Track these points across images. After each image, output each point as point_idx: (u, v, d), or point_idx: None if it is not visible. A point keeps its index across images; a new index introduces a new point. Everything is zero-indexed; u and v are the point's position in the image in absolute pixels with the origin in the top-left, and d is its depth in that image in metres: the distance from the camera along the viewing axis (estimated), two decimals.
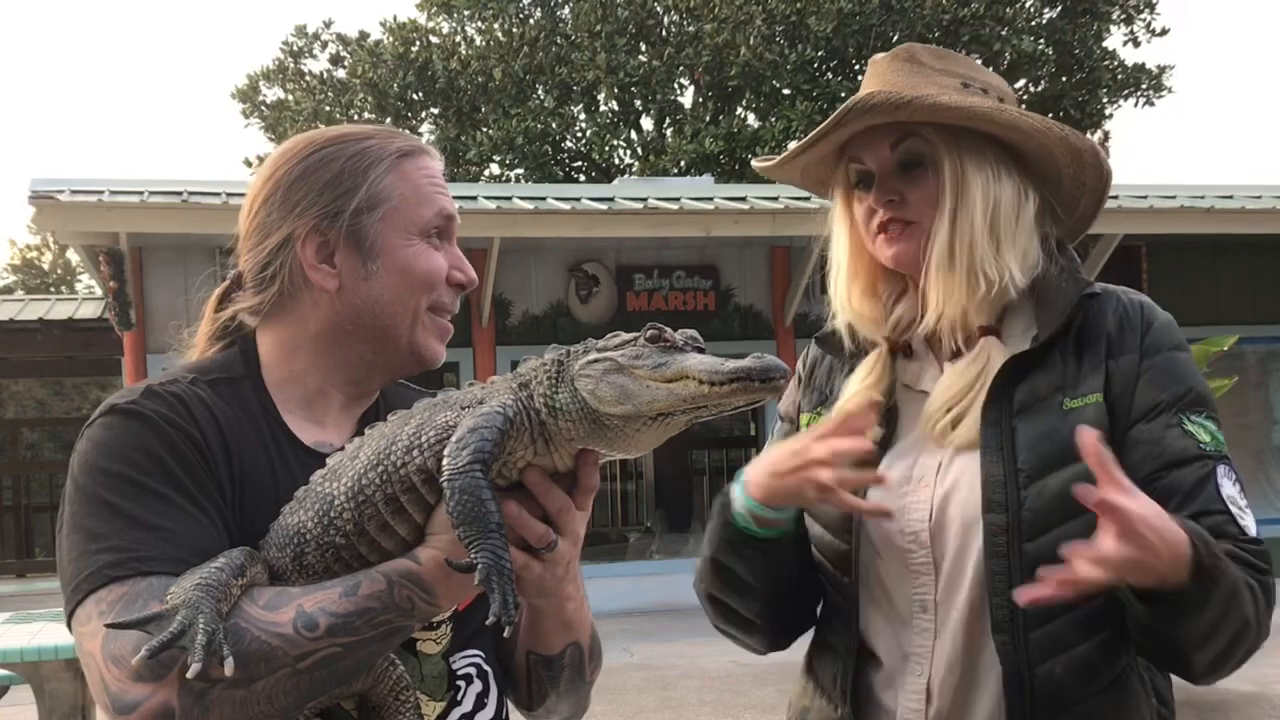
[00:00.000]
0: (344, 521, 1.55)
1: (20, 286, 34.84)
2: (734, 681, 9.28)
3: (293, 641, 1.48)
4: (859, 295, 2.07)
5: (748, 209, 12.64)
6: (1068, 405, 1.90)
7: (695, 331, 1.53)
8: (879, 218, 2.00)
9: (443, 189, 1.82)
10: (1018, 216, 1.98)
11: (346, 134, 1.83)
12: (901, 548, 1.97)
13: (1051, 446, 1.87)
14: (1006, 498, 1.87)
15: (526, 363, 1.56)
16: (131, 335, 12.15)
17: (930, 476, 1.96)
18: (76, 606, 1.53)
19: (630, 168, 23.13)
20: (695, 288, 13.73)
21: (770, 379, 1.42)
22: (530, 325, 13.34)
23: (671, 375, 1.44)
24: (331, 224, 1.73)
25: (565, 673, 1.84)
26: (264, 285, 1.78)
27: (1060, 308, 1.94)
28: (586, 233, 12.48)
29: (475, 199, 12.64)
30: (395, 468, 1.54)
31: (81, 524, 1.56)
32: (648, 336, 1.49)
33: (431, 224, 1.77)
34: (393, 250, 1.74)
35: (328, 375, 1.78)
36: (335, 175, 1.75)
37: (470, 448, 1.46)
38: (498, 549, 1.44)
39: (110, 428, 1.62)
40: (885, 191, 1.99)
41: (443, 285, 1.78)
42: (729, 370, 1.41)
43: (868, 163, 2.01)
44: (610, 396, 1.46)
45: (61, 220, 11.45)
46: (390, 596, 1.52)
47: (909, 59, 2.03)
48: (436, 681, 1.76)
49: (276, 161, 1.80)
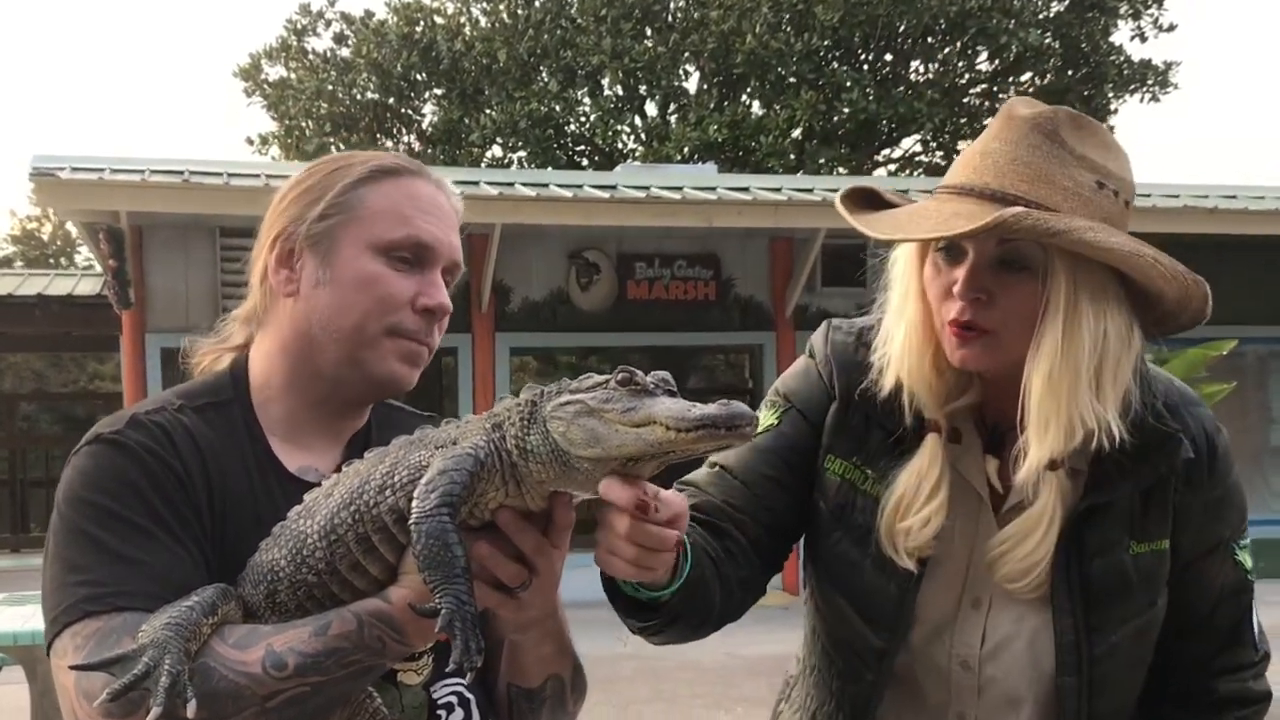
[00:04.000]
0: (316, 560, 1.55)
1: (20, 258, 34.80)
2: (727, 674, 9.29)
3: (260, 681, 1.48)
4: (930, 363, 1.88)
5: (750, 200, 12.59)
6: (1134, 550, 1.88)
7: (667, 374, 1.51)
8: (954, 312, 1.81)
9: (428, 216, 1.76)
10: (1122, 356, 1.81)
11: (350, 154, 1.85)
12: (944, 666, 1.95)
13: (1121, 599, 1.86)
14: (1080, 659, 1.87)
15: (502, 401, 1.55)
16: (130, 314, 12.12)
17: (986, 596, 1.92)
18: (54, 639, 1.55)
19: (634, 153, 23.09)
20: (696, 277, 13.66)
21: (736, 426, 1.39)
22: (530, 312, 13.32)
23: (640, 420, 1.42)
24: (296, 227, 1.74)
25: (547, 704, 1.83)
26: (250, 294, 1.81)
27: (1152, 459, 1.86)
28: (588, 221, 12.45)
29: (477, 184, 12.58)
30: (368, 507, 1.54)
31: (62, 554, 1.58)
32: (619, 380, 1.47)
33: (398, 245, 1.73)
34: (346, 262, 1.72)
35: (299, 394, 1.78)
36: (311, 185, 1.77)
37: (439, 491, 1.45)
38: (461, 594, 1.42)
39: (94, 457, 1.63)
40: (973, 286, 1.79)
41: (403, 309, 1.73)
42: (695, 417, 1.39)
43: (964, 242, 1.81)
44: (580, 439, 1.44)
45: (61, 197, 11.43)
46: (360, 636, 1.52)
47: (1050, 135, 1.81)
48: (417, 712, 1.76)
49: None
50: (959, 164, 1.88)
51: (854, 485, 1.96)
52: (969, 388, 1.91)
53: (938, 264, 1.85)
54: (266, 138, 25.18)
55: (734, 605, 1.95)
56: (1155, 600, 1.91)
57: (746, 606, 2.01)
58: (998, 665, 1.92)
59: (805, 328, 13.24)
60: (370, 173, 1.76)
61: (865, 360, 1.96)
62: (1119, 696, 1.94)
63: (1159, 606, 1.92)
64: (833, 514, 1.98)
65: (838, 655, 2.02)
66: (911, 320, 1.89)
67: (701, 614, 1.87)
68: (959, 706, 1.96)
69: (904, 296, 1.91)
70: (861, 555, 1.94)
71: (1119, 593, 1.86)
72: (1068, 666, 1.87)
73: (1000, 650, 1.92)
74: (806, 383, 2.06)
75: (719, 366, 19.53)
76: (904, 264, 1.92)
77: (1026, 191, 1.78)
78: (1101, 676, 1.88)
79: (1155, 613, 1.91)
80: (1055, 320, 1.76)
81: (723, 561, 1.91)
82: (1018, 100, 1.88)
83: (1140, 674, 1.96)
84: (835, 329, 2.06)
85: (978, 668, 1.93)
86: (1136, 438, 1.82)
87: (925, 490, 1.87)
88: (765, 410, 2.08)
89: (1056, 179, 1.79)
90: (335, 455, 1.78)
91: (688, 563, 1.77)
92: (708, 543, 1.90)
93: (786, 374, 2.12)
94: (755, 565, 1.98)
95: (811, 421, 2.03)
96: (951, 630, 1.93)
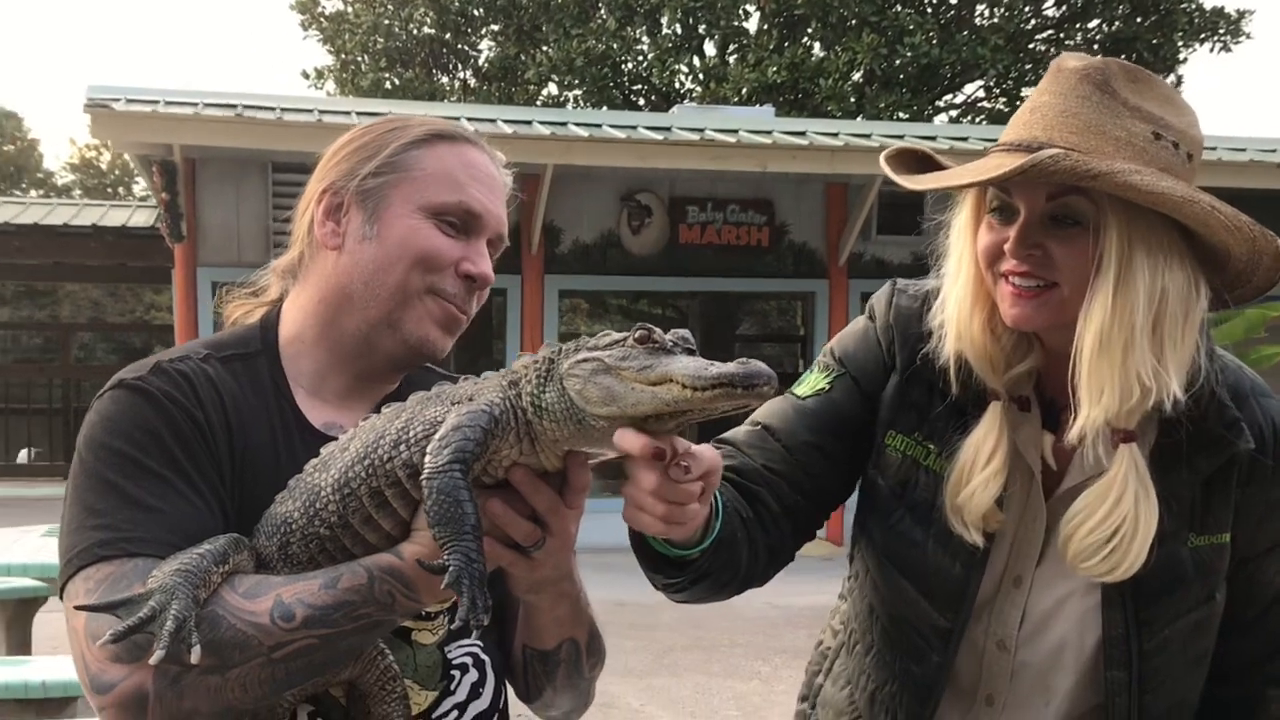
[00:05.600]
0: (329, 514, 1.55)
1: (79, 187, 35.20)
2: (767, 624, 9.28)
3: (268, 631, 1.48)
4: (980, 326, 1.83)
5: (806, 145, 12.45)
6: (1193, 543, 1.81)
7: (687, 331, 1.48)
8: (1008, 265, 1.77)
9: (480, 185, 1.78)
10: (1186, 315, 1.74)
11: (408, 115, 1.86)
12: (980, 645, 1.90)
13: (1175, 592, 1.80)
14: (1129, 653, 1.82)
15: (520, 359, 1.54)
16: (182, 247, 12.17)
17: (1028, 575, 1.87)
18: (67, 581, 1.55)
19: (691, 94, 22.87)
20: (749, 222, 13.54)
21: (754, 385, 1.37)
22: (580, 254, 13.28)
23: (656, 378, 1.40)
24: (347, 182, 1.75)
25: (561, 668, 1.82)
26: (292, 246, 1.83)
27: (1214, 447, 1.79)
28: (641, 162, 12.33)
29: (530, 123, 12.54)
30: (381, 462, 1.53)
31: (81, 498, 1.59)
32: (636, 337, 1.46)
33: (447, 209, 1.74)
34: (395, 219, 1.73)
35: (331, 349, 1.78)
36: (367, 142, 1.78)
37: (451, 447, 1.44)
38: (470, 551, 1.41)
39: (117, 402, 1.63)
40: (1026, 242, 1.74)
41: (446, 270, 1.75)
42: (712, 375, 1.37)
43: (1016, 199, 1.76)
44: (597, 397, 1.43)
45: (116, 129, 11.46)
46: (370, 590, 1.51)
47: (1101, 85, 1.74)
48: (430, 671, 1.75)
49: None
50: (1011, 122, 1.83)
51: (916, 461, 1.91)
52: (1027, 353, 1.84)
53: (991, 224, 1.80)
54: (322, 72, 25.13)
55: (759, 570, 1.92)
56: (1213, 595, 1.84)
57: (771, 574, 1.97)
58: (1034, 649, 1.88)
59: (859, 276, 13.20)
60: (427, 135, 1.77)
61: (929, 329, 1.90)
62: (1172, 694, 1.88)
63: (1217, 601, 1.85)
64: (893, 491, 1.93)
65: (900, 635, 1.96)
66: (966, 283, 1.84)
67: (728, 574, 1.84)
68: (989, 688, 1.91)
69: (959, 259, 1.86)
70: (924, 534, 1.89)
71: (1174, 586, 1.80)
72: (1116, 660, 1.82)
73: (1038, 633, 1.88)
74: (864, 347, 2.00)
75: (771, 313, 19.45)
76: (959, 227, 1.87)
77: (1076, 144, 1.71)
78: (1152, 672, 1.82)
79: (1213, 608, 1.85)
80: (1108, 275, 1.70)
81: (753, 525, 1.87)
82: (1067, 54, 1.82)
83: (1198, 674, 1.90)
84: (900, 292, 1.99)
85: (1013, 649, 1.88)
86: (1198, 416, 1.76)
87: (983, 457, 1.82)
88: (816, 371, 2.02)
89: (1108, 129, 1.72)
90: (363, 415, 1.75)
91: (719, 520, 1.74)
92: (740, 504, 1.87)
93: (843, 334, 2.05)
94: (786, 533, 1.93)
95: (864, 390, 1.97)
96: (991, 609, 1.89)
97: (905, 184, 1.86)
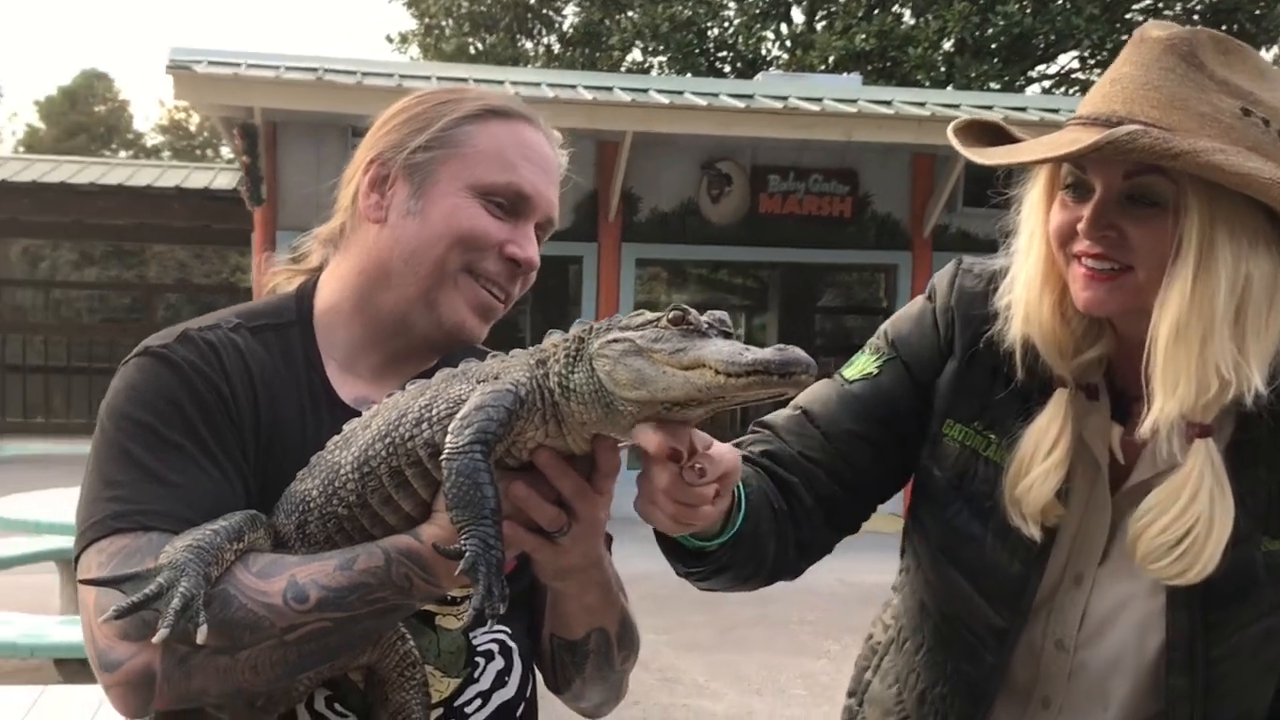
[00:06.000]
0: (347, 492, 1.51)
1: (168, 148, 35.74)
2: (838, 601, 9.15)
3: (280, 613, 1.44)
4: (1050, 309, 1.74)
5: (892, 114, 12.26)
6: (1267, 547, 1.70)
7: (724, 314, 1.43)
8: (1081, 246, 1.67)
9: (532, 166, 1.72)
10: (1270, 303, 1.63)
11: (464, 88, 1.81)
12: (1038, 644, 1.82)
13: (1247, 597, 1.70)
14: (1193, 659, 1.71)
15: (550, 336, 1.49)
16: (262, 210, 12.24)
17: (1089, 574, 1.78)
18: (80, 553, 1.53)
19: (776, 61, 22.65)
20: (832, 193, 13.36)
21: (791, 373, 1.30)
22: (658, 222, 13.18)
23: (689, 362, 1.34)
24: (395, 154, 1.71)
25: (590, 659, 1.76)
26: (335, 215, 1.80)
27: None
28: (722, 130, 12.17)
29: (611, 89, 12.48)
30: (403, 440, 1.48)
31: (100, 468, 1.56)
32: (670, 318, 1.40)
33: (495, 189, 1.69)
34: (441, 196, 1.69)
35: (367, 325, 1.74)
36: (418, 113, 1.74)
37: (473, 427, 1.40)
38: (489, 536, 1.37)
39: (141, 370, 1.61)
40: (1100, 223, 1.65)
41: (489, 250, 1.70)
42: (747, 362, 1.31)
43: (1091, 176, 1.66)
44: (626, 380, 1.38)
45: (197, 91, 11.52)
46: (387, 573, 1.46)
47: (1187, 56, 1.63)
48: (454, 657, 1.71)
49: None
50: (1089, 94, 1.73)
51: (975, 452, 1.83)
52: (1098, 339, 1.76)
53: (1065, 202, 1.71)
54: (406, 36, 25.25)
55: (788, 565, 1.87)
56: None
57: (804, 567, 1.92)
58: (1094, 650, 1.79)
59: (944, 249, 13.04)
60: (481, 111, 1.73)
61: (994, 311, 1.83)
62: (1240, 704, 1.78)
63: None
64: (950, 483, 1.85)
65: (953, 634, 1.88)
66: (1036, 263, 1.76)
67: (751, 567, 1.79)
68: (1045, 690, 1.84)
69: (1030, 237, 1.78)
70: (982, 528, 1.82)
71: (1245, 590, 1.70)
72: (1179, 666, 1.72)
73: (1099, 634, 1.79)
74: (919, 331, 1.90)
75: (853, 284, 19.27)
76: (1031, 203, 1.79)
77: (1157, 118, 1.60)
78: (1219, 679, 1.73)
79: None
80: (1187, 260, 1.60)
81: (784, 518, 1.81)
82: (1152, 23, 1.71)
83: (1267, 683, 1.80)
84: (965, 272, 1.90)
85: (1072, 650, 1.80)
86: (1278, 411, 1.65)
87: (1045, 447, 1.74)
88: (867, 353, 1.93)
89: (1191, 104, 1.60)
90: None
91: (740, 515, 1.69)
92: (773, 496, 1.80)
93: (899, 315, 1.96)
94: (819, 527, 1.87)
95: (915, 377, 1.88)
96: (1050, 607, 1.80)
97: (973, 158, 1.77)
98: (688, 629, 8.20)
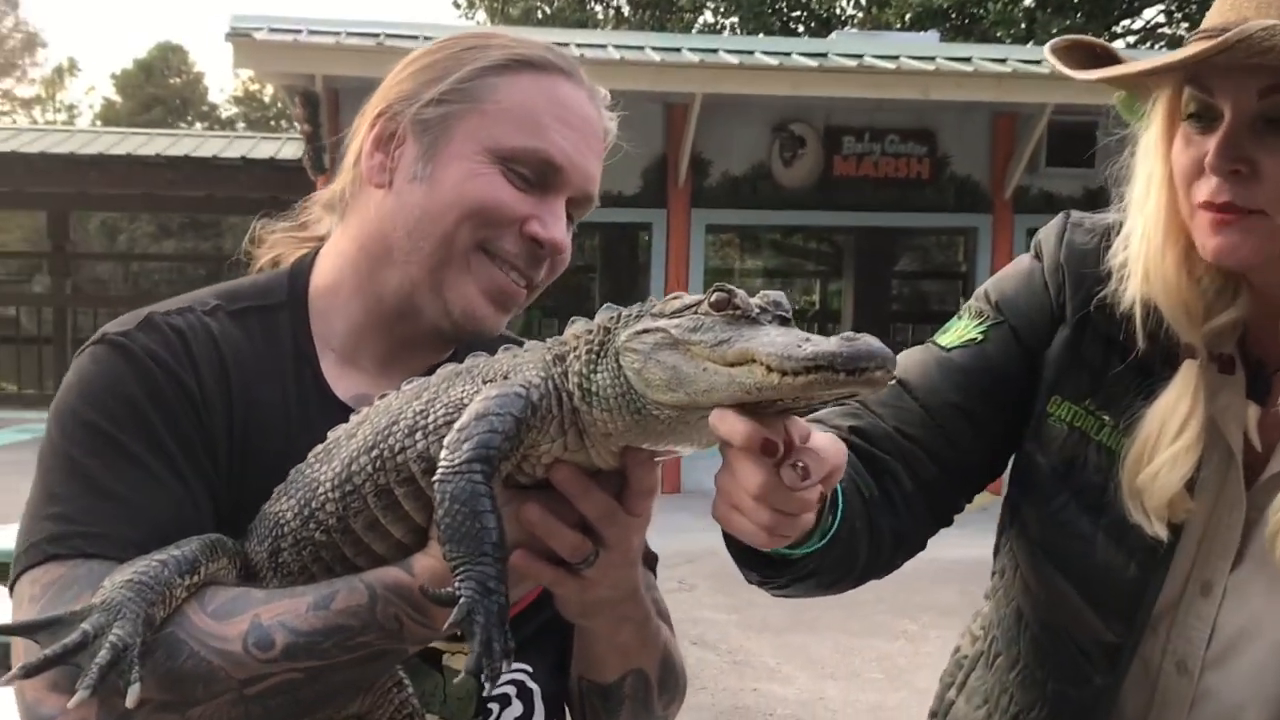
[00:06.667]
0: (325, 515, 1.30)
1: (243, 119, 36.04)
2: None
3: (239, 662, 1.22)
4: (1174, 264, 1.53)
5: (971, 71, 12.02)
6: None
7: (781, 294, 1.19)
8: (1208, 190, 1.46)
9: (566, 130, 1.47)
10: None
11: (493, 32, 1.58)
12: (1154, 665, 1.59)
13: None
14: None
15: (572, 326, 1.27)
16: (324, 179, 12.11)
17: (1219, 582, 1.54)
18: (15, 581, 1.33)
19: (852, 19, 22.36)
20: (909, 154, 13.13)
21: (861, 369, 1.06)
22: (729, 187, 13.01)
23: (734, 357, 1.11)
24: (405, 107, 1.48)
25: (626, 705, 1.53)
26: (339, 176, 1.58)
27: None
28: (795, 91, 11.98)
29: (679, 50, 12.32)
30: (392, 452, 1.27)
31: (45, 477, 1.37)
32: (713, 301, 1.16)
33: (518, 155, 1.45)
34: (453, 159, 1.45)
35: (369, 308, 1.52)
36: (436, 60, 1.51)
37: (473, 440, 1.18)
38: (488, 578, 1.15)
39: (96, 362, 1.40)
40: (1230, 154, 1.44)
41: (507, 227, 1.46)
42: (805, 356, 1.07)
43: (1218, 99, 1.45)
44: (659, 380, 1.15)
45: (257, 59, 11.50)
46: (372, 613, 1.25)
47: None
48: (462, 704, 1.49)
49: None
50: (1214, 6, 1.52)
51: (1086, 435, 1.63)
52: (1232, 301, 1.55)
53: (1188, 135, 1.50)
54: (473, 0, 25.14)
55: (881, 562, 1.65)
56: None
57: (898, 563, 1.71)
58: (1224, 674, 1.57)
59: (1025, 211, 12.82)
60: (509, 60, 1.48)
61: (1107, 270, 1.62)
62: None
63: None
64: (1055, 471, 1.65)
65: (1054, 649, 1.69)
66: (1156, 212, 1.55)
67: (840, 572, 1.57)
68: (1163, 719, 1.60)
69: (1147, 183, 1.57)
70: (1093, 526, 1.61)
71: None
72: None
73: (1231, 654, 1.57)
74: (1028, 291, 1.70)
75: (931, 248, 18.95)
76: (1147, 145, 1.57)
77: None
78: None
79: None
80: None
81: (877, 508, 1.60)
82: None
83: None
84: (1075, 226, 1.68)
85: (1197, 673, 1.57)
86: None
87: (1172, 428, 1.53)
88: (966, 317, 1.71)
89: None
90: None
91: (837, 515, 1.47)
92: (863, 482, 1.60)
93: (1003, 274, 1.74)
94: (919, 515, 1.66)
95: (1025, 345, 1.68)
96: (1171, 621, 1.57)
97: (1076, 75, 1.57)
98: (757, 609, 7.99)
